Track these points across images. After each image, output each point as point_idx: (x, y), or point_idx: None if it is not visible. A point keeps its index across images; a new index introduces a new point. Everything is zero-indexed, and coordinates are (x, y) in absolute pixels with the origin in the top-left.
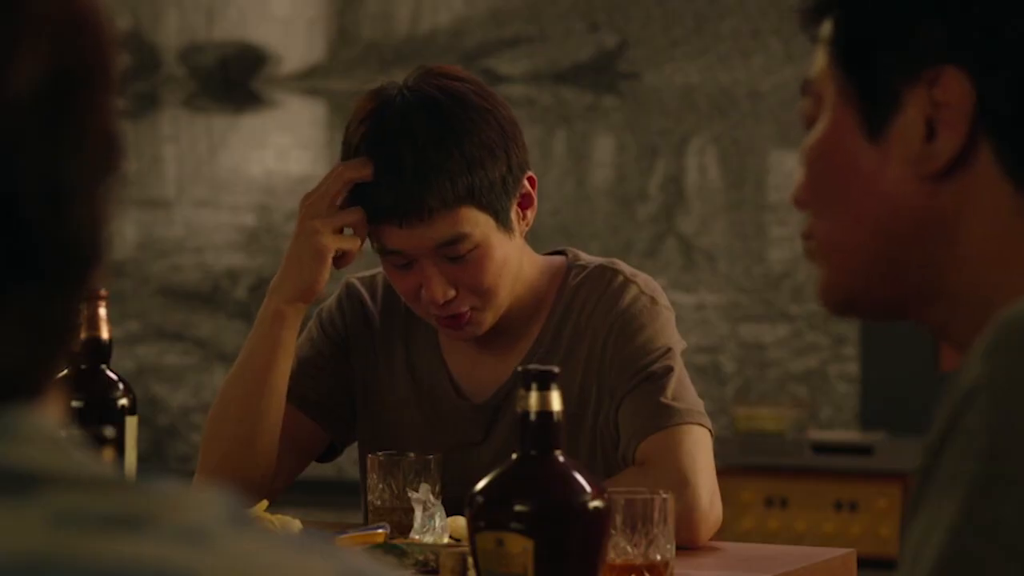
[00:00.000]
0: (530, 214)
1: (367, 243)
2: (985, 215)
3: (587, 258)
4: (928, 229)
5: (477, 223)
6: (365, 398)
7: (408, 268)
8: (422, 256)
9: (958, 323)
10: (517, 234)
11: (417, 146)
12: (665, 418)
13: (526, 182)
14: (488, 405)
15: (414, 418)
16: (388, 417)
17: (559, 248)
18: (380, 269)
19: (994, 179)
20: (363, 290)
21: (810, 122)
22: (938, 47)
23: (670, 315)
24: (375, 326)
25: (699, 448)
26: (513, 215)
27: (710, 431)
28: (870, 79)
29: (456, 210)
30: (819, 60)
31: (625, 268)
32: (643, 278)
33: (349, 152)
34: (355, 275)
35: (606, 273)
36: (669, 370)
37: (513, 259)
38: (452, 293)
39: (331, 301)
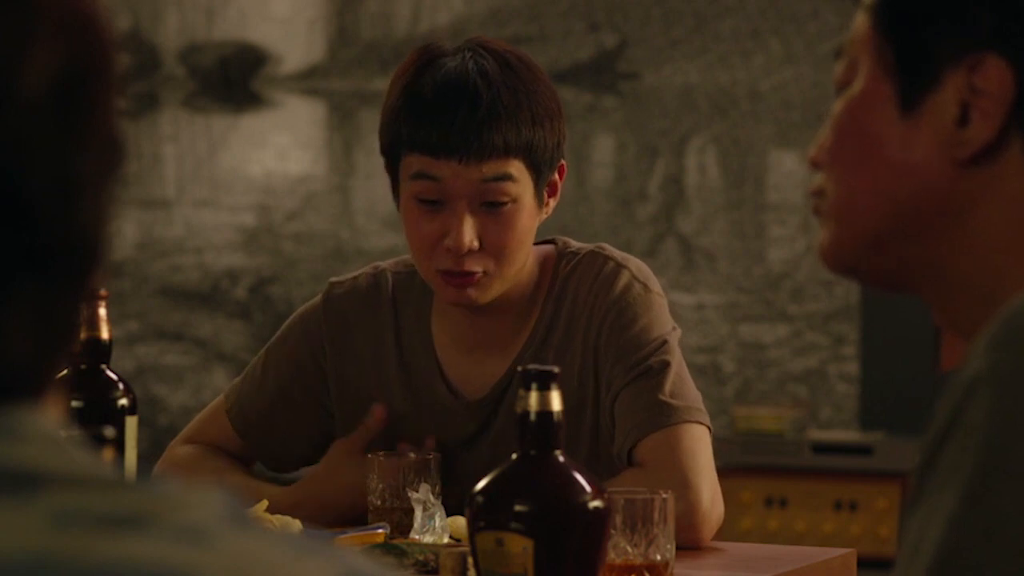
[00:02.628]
0: (552, 202)
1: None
2: (1004, 205)
3: (577, 245)
4: (945, 211)
5: (522, 180)
6: (351, 409)
7: (437, 209)
8: (461, 198)
9: (958, 307)
10: (539, 215)
11: (494, 87)
12: (664, 416)
13: (559, 170)
14: (485, 401)
15: (408, 420)
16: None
17: (548, 238)
18: (362, 271)
19: (1019, 171)
20: (345, 298)
21: (841, 86)
22: (985, 33)
23: (663, 301)
24: (359, 334)
25: (699, 447)
26: (544, 192)
27: (708, 427)
28: (912, 51)
29: (511, 159)
30: (859, 23)
31: (615, 253)
32: (634, 263)
33: (404, 97)
34: (337, 281)
35: (597, 259)
36: (666, 365)
37: (531, 237)
38: (476, 244)
39: (309, 319)
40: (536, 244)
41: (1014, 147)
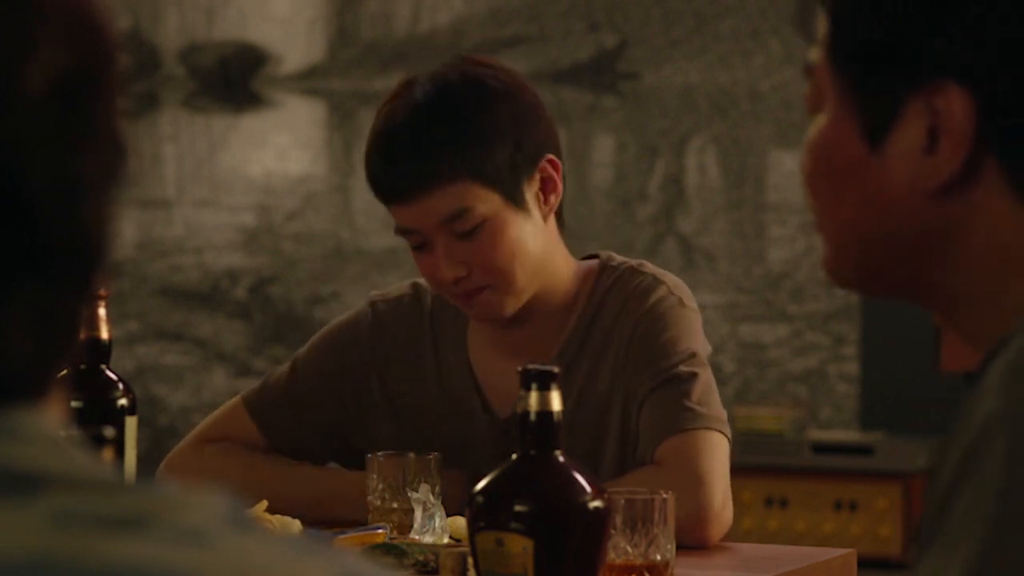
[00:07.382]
0: (553, 199)
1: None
2: (991, 223)
3: (620, 259)
4: (930, 237)
5: (482, 199)
6: (392, 420)
7: (424, 249)
8: (433, 233)
9: (960, 314)
10: (538, 217)
11: (420, 123)
12: (687, 420)
13: (548, 166)
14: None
15: (447, 436)
16: (422, 436)
17: (593, 253)
18: (401, 285)
19: (998, 191)
20: (390, 312)
21: (812, 108)
22: (940, 62)
23: (697, 318)
24: (403, 347)
25: (716, 452)
26: (530, 197)
27: (729, 440)
28: (869, 87)
29: (457, 184)
30: (818, 55)
31: (655, 269)
32: (672, 279)
33: (370, 136)
34: (380, 295)
35: (635, 274)
36: (694, 376)
37: (532, 241)
38: (463, 272)
39: (357, 329)
40: (582, 259)
41: (989, 169)
